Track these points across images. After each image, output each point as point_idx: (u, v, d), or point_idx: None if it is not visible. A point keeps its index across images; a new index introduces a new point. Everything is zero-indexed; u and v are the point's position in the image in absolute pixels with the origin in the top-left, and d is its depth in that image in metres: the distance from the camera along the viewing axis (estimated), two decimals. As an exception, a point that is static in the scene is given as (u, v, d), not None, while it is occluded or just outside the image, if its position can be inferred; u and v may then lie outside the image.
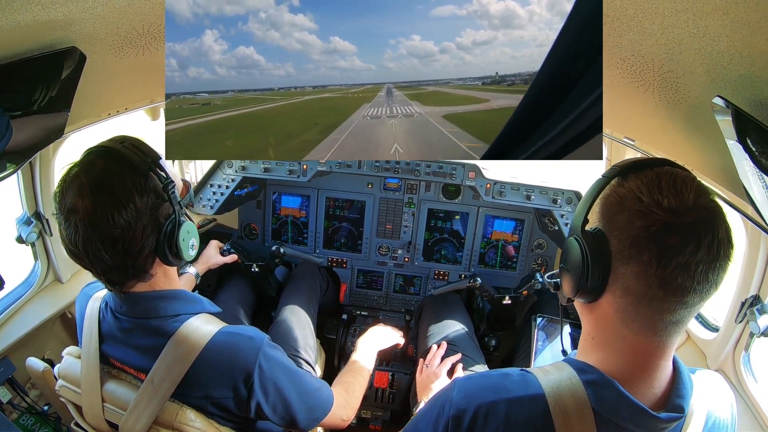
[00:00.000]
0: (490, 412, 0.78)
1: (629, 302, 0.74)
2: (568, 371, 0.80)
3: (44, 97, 1.07)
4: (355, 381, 1.53)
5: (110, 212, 0.95)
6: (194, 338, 1.05)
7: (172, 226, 1.04)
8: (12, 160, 1.15)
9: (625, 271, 0.73)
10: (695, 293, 0.70)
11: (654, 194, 0.71)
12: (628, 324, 0.75)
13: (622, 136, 1.60)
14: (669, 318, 0.73)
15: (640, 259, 0.70)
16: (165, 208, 1.04)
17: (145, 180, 1.00)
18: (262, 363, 1.08)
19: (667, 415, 0.75)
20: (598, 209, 0.79)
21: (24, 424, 1.69)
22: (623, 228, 0.73)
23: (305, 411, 1.19)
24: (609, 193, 0.77)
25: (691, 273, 0.68)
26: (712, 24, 0.78)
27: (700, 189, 0.72)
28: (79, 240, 0.95)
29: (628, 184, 0.75)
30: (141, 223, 0.99)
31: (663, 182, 0.72)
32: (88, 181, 0.95)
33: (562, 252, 0.86)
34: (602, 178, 0.80)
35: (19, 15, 0.83)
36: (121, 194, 0.96)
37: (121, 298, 1.08)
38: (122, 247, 0.97)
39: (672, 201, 0.70)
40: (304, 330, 2.04)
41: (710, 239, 0.68)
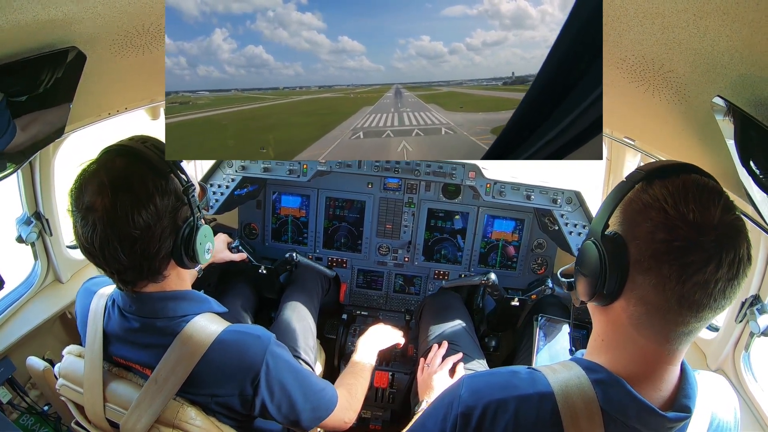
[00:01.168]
0: (499, 410, 0.78)
1: (643, 311, 0.73)
2: (577, 370, 0.80)
3: (44, 97, 1.07)
4: (357, 383, 1.53)
5: (130, 212, 0.94)
6: (200, 337, 1.05)
7: (190, 229, 1.04)
8: (12, 160, 1.15)
9: (642, 281, 0.71)
10: (710, 309, 0.70)
11: (680, 206, 0.69)
12: (640, 330, 0.75)
13: (622, 136, 1.60)
14: (682, 329, 0.72)
15: (660, 272, 0.69)
16: (183, 212, 1.04)
17: (167, 182, 1.00)
18: (269, 362, 1.08)
19: (675, 415, 0.75)
20: (620, 213, 0.77)
21: (24, 424, 1.68)
22: (645, 237, 0.71)
23: (309, 410, 1.19)
24: (632, 198, 0.75)
25: (709, 291, 0.68)
26: (712, 24, 0.78)
27: (726, 204, 0.70)
28: (96, 239, 0.94)
29: (653, 191, 0.73)
30: (160, 225, 0.98)
31: (690, 194, 0.70)
32: (108, 180, 0.94)
33: (579, 254, 0.84)
34: (626, 181, 0.78)
35: (20, 14, 0.83)
36: (142, 195, 0.95)
37: (131, 298, 1.08)
38: (140, 248, 0.97)
39: (698, 215, 0.68)
40: (305, 330, 2.04)
41: (732, 257, 0.67)
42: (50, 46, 0.99)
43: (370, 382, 1.63)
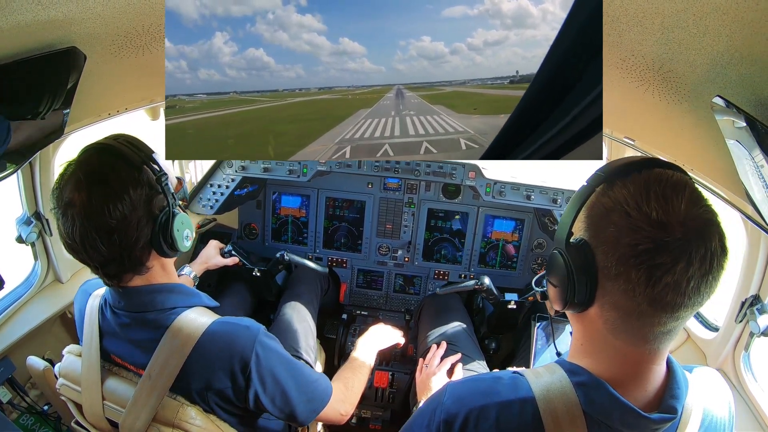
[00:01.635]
0: (481, 417, 0.78)
1: (617, 316, 0.72)
2: (559, 373, 0.79)
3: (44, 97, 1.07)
4: (354, 377, 1.53)
5: (106, 204, 0.97)
6: (189, 329, 1.06)
7: (167, 217, 1.06)
8: (12, 160, 1.15)
9: (612, 287, 0.70)
10: (686, 307, 0.68)
11: (642, 206, 0.66)
12: (617, 335, 0.74)
13: (622, 135, 1.60)
14: (659, 330, 0.71)
15: (628, 277, 0.67)
16: (159, 201, 1.06)
17: (139, 173, 1.02)
18: (259, 351, 1.09)
19: (659, 416, 0.74)
20: (584, 219, 0.75)
21: (24, 423, 1.69)
22: (610, 243, 0.69)
23: (304, 402, 1.19)
24: (594, 202, 0.73)
25: (681, 290, 0.66)
26: (712, 24, 0.78)
27: (692, 196, 0.67)
28: (77, 233, 0.97)
29: (614, 193, 0.70)
30: (136, 214, 1.01)
31: (652, 191, 0.67)
32: (84, 175, 0.98)
33: (547, 264, 0.82)
34: (586, 185, 0.75)
35: (19, 15, 0.83)
36: (116, 186, 0.99)
37: (119, 293, 1.09)
38: (118, 238, 0.99)
39: (661, 213, 0.65)
40: (305, 330, 2.04)
41: (703, 253, 0.65)
42: (50, 46, 0.99)
43: (369, 381, 1.63)
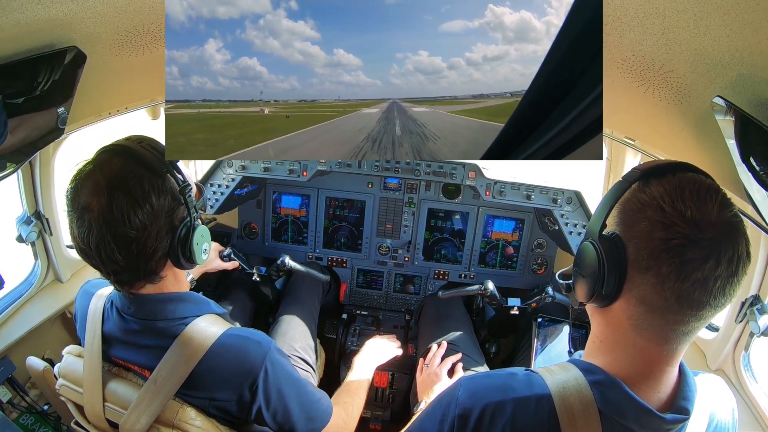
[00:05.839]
0: (497, 412, 0.78)
1: (643, 311, 0.73)
2: (574, 372, 0.80)
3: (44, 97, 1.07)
4: (352, 402, 1.50)
5: (127, 212, 0.93)
6: (199, 339, 1.05)
7: (187, 229, 1.03)
8: (12, 160, 1.15)
9: (641, 280, 0.71)
10: (710, 307, 0.69)
11: (677, 204, 0.69)
12: (640, 331, 0.75)
13: (623, 136, 1.60)
14: (681, 329, 0.72)
15: (659, 271, 0.69)
16: (180, 212, 1.03)
17: (163, 181, 0.99)
18: (268, 368, 1.08)
19: (673, 417, 0.75)
20: (617, 213, 0.77)
21: (24, 423, 1.69)
22: (642, 237, 0.71)
23: (305, 420, 1.18)
24: (629, 197, 0.75)
25: (709, 288, 0.68)
26: (712, 24, 0.78)
27: (724, 201, 0.70)
28: (92, 239, 0.93)
29: (650, 190, 0.73)
30: (157, 225, 0.97)
31: (687, 191, 0.70)
32: (104, 180, 0.94)
33: (577, 255, 0.84)
34: (622, 181, 0.78)
35: (20, 14, 0.83)
36: (138, 194, 0.94)
37: (129, 299, 1.07)
38: (136, 248, 0.96)
39: (695, 213, 0.68)
40: (305, 330, 2.04)
41: (731, 254, 0.67)
42: (50, 45, 0.99)
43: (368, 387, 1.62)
